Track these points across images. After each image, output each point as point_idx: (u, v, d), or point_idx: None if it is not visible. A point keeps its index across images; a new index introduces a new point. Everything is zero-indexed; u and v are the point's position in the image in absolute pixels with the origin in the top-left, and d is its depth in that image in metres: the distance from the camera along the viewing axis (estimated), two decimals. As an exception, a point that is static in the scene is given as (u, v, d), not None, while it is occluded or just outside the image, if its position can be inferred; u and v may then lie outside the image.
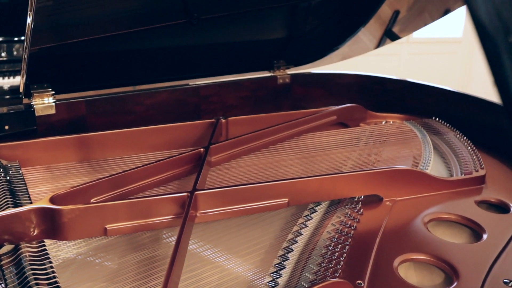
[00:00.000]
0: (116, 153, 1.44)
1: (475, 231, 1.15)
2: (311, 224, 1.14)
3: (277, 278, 0.95)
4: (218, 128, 1.52)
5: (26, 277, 0.88)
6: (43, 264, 0.91)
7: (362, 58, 4.06)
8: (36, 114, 1.49)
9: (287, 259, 1.01)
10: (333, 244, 1.05)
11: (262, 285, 0.93)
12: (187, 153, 1.31)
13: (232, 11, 1.64)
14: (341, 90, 1.88)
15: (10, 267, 0.93)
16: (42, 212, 1.02)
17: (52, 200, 1.06)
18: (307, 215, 1.16)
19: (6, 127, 1.45)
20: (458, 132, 1.60)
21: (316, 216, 1.17)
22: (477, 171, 1.35)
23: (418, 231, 1.12)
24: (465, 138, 1.55)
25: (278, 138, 1.52)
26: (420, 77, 4.42)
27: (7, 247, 1.00)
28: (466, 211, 1.20)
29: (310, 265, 0.99)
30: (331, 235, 1.09)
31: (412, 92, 1.82)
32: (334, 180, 1.18)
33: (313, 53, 1.87)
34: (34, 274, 0.88)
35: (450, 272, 1.00)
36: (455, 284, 0.96)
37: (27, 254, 0.94)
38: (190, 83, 1.70)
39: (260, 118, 1.61)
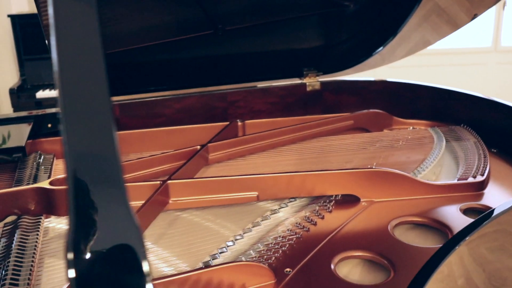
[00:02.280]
0: (137, 150, 1.59)
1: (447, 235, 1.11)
2: (276, 217, 1.17)
3: (213, 259, 1.01)
4: (230, 129, 1.61)
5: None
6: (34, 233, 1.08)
7: (442, 68, 3.87)
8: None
9: (232, 245, 1.06)
10: (283, 236, 1.08)
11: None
12: (183, 150, 1.42)
13: (257, 22, 1.73)
14: (373, 97, 1.87)
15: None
16: (40, 192, 1.19)
17: (52, 182, 1.22)
18: (275, 209, 1.20)
19: (49, 125, 1.67)
20: (480, 139, 1.52)
21: (285, 211, 1.20)
22: (474, 177, 1.28)
23: (378, 232, 1.11)
24: (483, 145, 1.47)
25: (285, 140, 1.57)
26: (509, 88, 4.08)
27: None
28: (442, 215, 1.16)
29: (250, 251, 1.03)
30: (287, 228, 1.12)
31: (444, 98, 1.75)
32: (304, 177, 1.21)
33: (345, 61, 1.88)
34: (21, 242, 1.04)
35: (388, 266, 0.98)
36: (390, 276, 0.95)
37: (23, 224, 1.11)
38: (217, 89, 1.81)
39: (278, 122, 1.67)
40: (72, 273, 0.49)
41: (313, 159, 1.46)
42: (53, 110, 1.76)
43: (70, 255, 0.50)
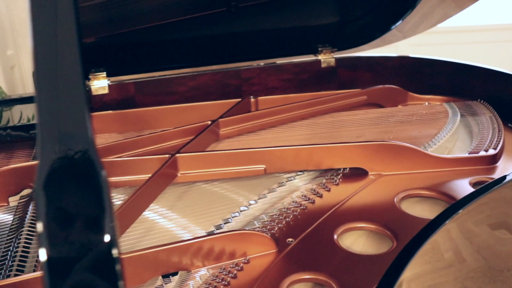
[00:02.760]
0: (152, 127, 1.61)
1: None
2: (282, 189, 1.18)
3: (217, 229, 1.02)
4: (243, 106, 1.61)
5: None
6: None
7: (468, 46, 3.74)
8: (92, 94, 1.72)
9: (236, 215, 1.07)
10: (287, 207, 1.09)
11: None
12: (194, 125, 1.43)
13: (270, -3, 1.72)
14: (389, 73, 1.84)
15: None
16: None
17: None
18: (282, 182, 1.21)
19: (67, 102, 1.70)
20: (495, 113, 1.49)
21: (292, 184, 1.20)
22: (486, 151, 1.26)
23: (384, 204, 1.10)
24: (498, 119, 1.44)
25: (297, 115, 1.56)
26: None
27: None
28: (451, 189, 1.14)
29: (255, 222, 1.04)
30: (293, 200, 1.12)
31: (461, 73, 1.71)
32: (311, 150, 1.21)
33: (360, 37, 1.85)
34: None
35: (392, 237, 0.98)
36: (393, 246, 0.95)
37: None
38: (231, 67, 1.81)
39: (291, 98, 1.66)
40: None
41: (324, 133, 1.45)
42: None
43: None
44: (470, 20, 3.88)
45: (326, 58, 1.85)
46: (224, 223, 1.05)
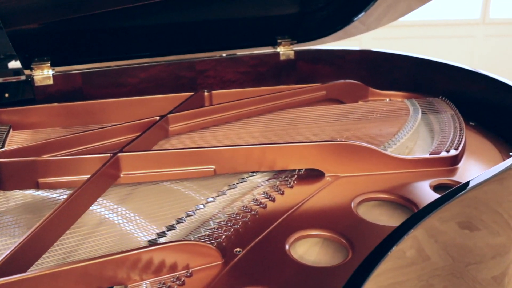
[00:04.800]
0: (100, 121, 1.50)
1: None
2: (232, 192, 1.10)
3: (159, 237, 0.94)
4: (196, 100, 1.52)
5: None
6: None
7: (429, 41, 3.74)
8: (35, 84, 1.59)
9: (181, 222, 0.99)
10: (237, 213, 1.01)
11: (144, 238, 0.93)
12: (141, 120, 1.33)
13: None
14: (350, 67, 1.78)
15: None
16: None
17: (-1, 154, 1.14)
18: (233, 184, 1.12)
19: (6, 95, 1.58)
20: (457, 111, 1.44)
21: (243, 186, 1.12)
22: (447, 151, 1.21)
23: (341, 209, 1.03)
24: (460, 117, 1.39)
25: (253, 111, 1.48)
26: (497, 61, 3.97)
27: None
28: (411, 192, 1.09)
29: (200, 229, 0.96)
30: (243, 204, 1.05)
31: (423, 69, 1.67)
32: (264, 150, 1.13)
33: (321, 29, 1.78)
34: None
35: (347, 246, 0.91)
36: (348, 257, 0.88)
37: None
38: (185, 58, 1.71)
39: (248, 92, 1.58)
40: None
41: (281, 131, 1.37)
42: (12, 79, 1.66)
43: None
44: (435, 14, 3.88)
45: (285, 50, 1.78)
46: (168, 230, 0.96)
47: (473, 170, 1.19)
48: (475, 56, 4.01)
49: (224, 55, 1.74)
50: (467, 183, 0.87)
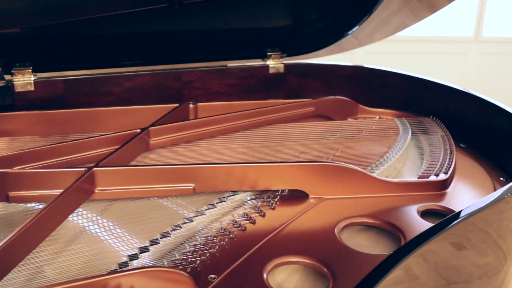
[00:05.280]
0: (82, 130, 1.45)
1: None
2: (211, 213, 1.05)
3: (131, 259, 0.89)
4: (180, 112, 1.47)
5: None
6: None
7: (422, 56, 3.74)
8: (16, 90, 1.54)
9: (156, 243, 0.94)
10: (214, 235, 0.96)
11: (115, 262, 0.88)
12: (121, 133, 1.28)
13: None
14: (340, 82, 1.74)
15: None
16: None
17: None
18: (212, 203, 1.08)
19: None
20: (448, 132, 1.40)
21: (223, 207, 1.07)
22: (436, 175, 1.17)
23: (323, 234, 0.99)
24: (450, 139, 1.36)
25: (238, 126, 1.44)
26: (489, 79, 3.96)
27: None
28: (397, 217, 1.04)
29: (174, 252, 0.91)
30: (222, 226, 1.00)
31: (415, 87, 1.63)
32: (246, 169, 1.08)
33: (312, 43, 1.75)
34: None
35: (328, 275, 0.87)
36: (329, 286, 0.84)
37: None
38: (172, 68, 1.67)
39: (234, 105, 1.54)
40: None
41: (265, 148, 1.33)
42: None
43: None
44: (428, 30, 3.86)
45: (275, 63, 1.74)
46: (141, 252, 0.91)
47: (462, 195, 1.15)
48: (467, 73, 4.00)
49: (210, 66, 1.69)
50: (458, 214, 0.83)
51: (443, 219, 0.84)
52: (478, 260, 0.96)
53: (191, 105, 1.53)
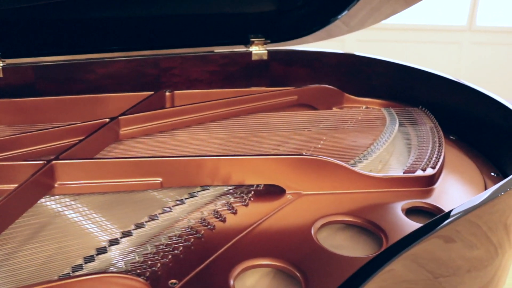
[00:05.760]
0: (52, 120, 1.37)
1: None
2: (179, 209, 0.97)
3: (86, 262, 0.81)
4: (155, 100, 1.39)
5: None
6: None
7: (415, 45, 3.66)
8: (-18, 77, 1.46)
9: (116, 243, 0.86)
10: (179, 235, 0.89)
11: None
12: (89, 122, 1.20)
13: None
14: (326, 70, 1.66)
15: None
16: None
17: None
18: (181, 199, 1.00)
19: None
20: (437, 124, 1.33)
21: (192, 203, 1.00)
22: (423, 170, 1.09)
23: (299, 233, 0.91)
24: (439, 131, 1.28)
25: (216, 115, 1.36)
26: (482, 69, 3.89)
27: None
28: (380, 216, 0.97)
29: (134, 255, 0.83)
30: (189, 224, 0.92)
31: (404, 76, 1.55)
32: (218, 163, 1.01)
33: (298, 29, 1.66)
34: None
35: (301, 280, 0.79)
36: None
37: None
38: (149, 54, 1.58)
39: (213, 93, 1.46)
40: None
41: (243, 138, 1.25)
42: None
43: None
44: (421, 19, 3.78)
45: (258, 50, 1.65)
46: (97, 254, 0.84)
47: (450, 192, 1.07)
48: (460, 63, 3.92)
49: (190, 52, 1.60)
50: (445, 216, 0.75)
51: (429, 222, 0.76)
52: (467, 253, 0.88)
53: (167, 93, 1.45)
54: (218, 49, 1.64)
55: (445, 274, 0.84)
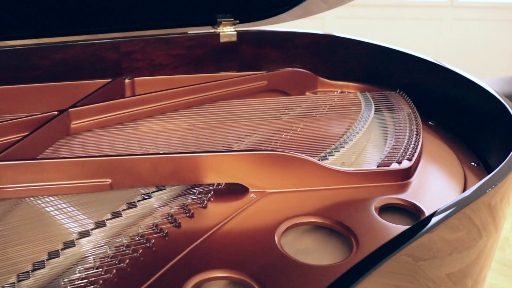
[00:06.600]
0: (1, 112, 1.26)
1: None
2: (130, 214, 0.88)
3: (19, 280, 0.72)
4: (113, 88, 1.29)
5: None
6: None
7: (396, 22, 3.57)
8: None
9: (56, 256, 0.77)
10: (127, 244, 0.80)
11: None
12: (35, 116, 1.10)
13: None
14: (299, 52, 1.56)
15: None
16: None
17: None
18: (133, 202, 0.91)
19: None
20: (415, 109, 1.24)
21: (145, 205, 0.90)
22: (399, 163, 1.01)
23: (260, 239, 0.83)
24: (417, 117, 1.20)
25: (178, 104, 1.26)
26: (464, 46, 3.83)
27: None
28: (350, 216, 0.89)
29: (75, 268, 0.74)
30: (138, 232, 0.83)
31: (381, 58, 1.46)
32: (172, 161, 0.91)
33: (268, 8, 1.56)
34: None
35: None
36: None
37: None
38: (108, 37, 1.47)
39: (176, 80, 1.36)
40: None
41: (206, 129, 1.16)
42: None
43: None
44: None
45: (227, 31, 1.55)
46: (33, 269, 0.75)
47: (428, 186, 0.99)
48: (442, 39, 3.84)
49: (152, 35, 1.49)
50: (428, 218, 0.67)
51: (405, 230, 0.68)
52: (449, 236, 0.81)
53: (126, 80, 1.35)
54: (183, 31, 1.54)
55: (425, 257, 0.77)
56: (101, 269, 0.74)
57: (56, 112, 1.11)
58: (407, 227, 0.85)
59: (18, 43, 1.41)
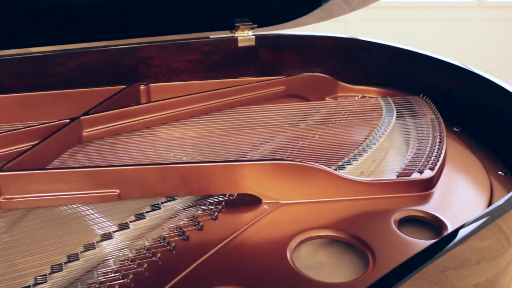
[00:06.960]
0: (18, 119, 1.26)
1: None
2: (138, 226, 0.85)
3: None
4: (128, 95, 1.27)
5: None
6: None
7: (421, 24, 3.47)
8: None
9: (60, 270, 0.75)
10: (133, 258, 0.77)
11: None
12: (47, 124, 1.08)
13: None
14: (321, 56, 1.52)
15: None
16: None
17: None
18: (141, 213, 0.88)
19: None
20: (439, 115, 1.19)
21: (153, 216, 0.87)
22: (421, 172, 0.96)
23: (272, 253, 0.79)
24: (441, 124, 1.15)
25: (193, 110, 1.23)
26: (492, 48, 3.70)
27: None
28: (368, 230, 0.84)
29: (78, 284, 0.72)
30: (145, 245, 0.80)
31: (404, 62, 1.41)
32: (183, 172, 0.88)
33: (287, 11, 1.52)
34: None
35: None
36: None
37: None
38: (125, 44, 1.45)
39: (192, 85, 1.33)
40: None
41: (221, 137, 1.13)
42: None
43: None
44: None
45: (245, 35, 1.52)
46: (35, 284, 0.72)
47: (451, 198, 0.94)
48: (469, 41, 3.72)
49: (169, 40, 1.47)
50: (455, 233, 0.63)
51: (429, 246, 0.63)
52: (477, 244, 0.76)
53: (142, 87, 1.32)
54: (201, 36, 1.51)
55: (451, 267, 0.72)
56: (103, 285, 0.72)
57: (68, 120, 1.09)
58: (427, 242, 0.80)
59: (34, 50, 1.41)
